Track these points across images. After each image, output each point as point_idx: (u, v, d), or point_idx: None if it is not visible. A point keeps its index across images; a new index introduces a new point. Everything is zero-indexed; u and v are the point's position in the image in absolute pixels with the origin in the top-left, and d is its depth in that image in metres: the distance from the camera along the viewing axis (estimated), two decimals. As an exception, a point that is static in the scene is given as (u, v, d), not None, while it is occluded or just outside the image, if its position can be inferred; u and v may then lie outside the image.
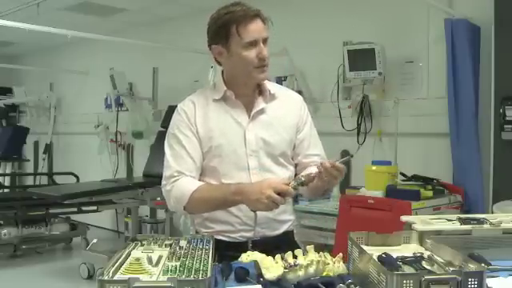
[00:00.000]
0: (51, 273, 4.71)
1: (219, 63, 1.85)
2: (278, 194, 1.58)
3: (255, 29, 1.69)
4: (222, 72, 1.87)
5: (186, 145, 1.78)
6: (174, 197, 1.75)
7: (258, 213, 1.78)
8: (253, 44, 1.70)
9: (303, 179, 1.61)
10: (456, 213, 3.11)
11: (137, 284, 1.11)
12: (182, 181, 1.75)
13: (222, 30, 1.71)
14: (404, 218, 1.71)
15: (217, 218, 1.80)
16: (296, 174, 1.84)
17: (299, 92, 4.27)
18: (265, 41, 1.73)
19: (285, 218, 1.87)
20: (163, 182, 1.80)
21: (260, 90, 1.85)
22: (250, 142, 1.79)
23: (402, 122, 3.90)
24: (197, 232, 1.86)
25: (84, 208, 4.90)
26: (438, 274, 1.15)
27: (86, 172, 5.95)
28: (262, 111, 1.83)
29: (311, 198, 3.36)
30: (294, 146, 1.89)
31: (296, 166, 1.90)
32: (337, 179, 1.66)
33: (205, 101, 1.83)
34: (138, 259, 1.35)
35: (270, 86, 1.87)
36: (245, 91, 1.82)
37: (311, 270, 1.34)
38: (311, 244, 1.45)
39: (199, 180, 1.80)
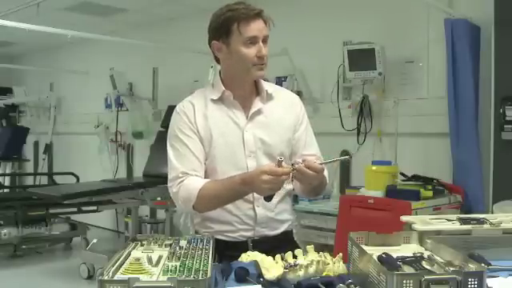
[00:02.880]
0: (51, 273, 4.71)
1: (218, 61, 1.85)
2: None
3: (256, 27, 1.71)
4: (220, 72, 1.88)
5: (189, 144, 1.78)
6: (181, 197, 1.74)
7: (257, 212, 1.79)
8: (253, 41, 1.71)
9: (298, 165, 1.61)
10: (456, 213, 3.12)
11: (137, 284, 1.11)
12: (187, 181, 1.74)
13: (223, 27, 1.72)
14: (404, 218, 1.71)
15: (216, 218, 1.80)
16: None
17: (299, 92, 4.32)
18: (265, 39, 1.74)
19: (284, 218, 1.88)
20: (169, 184, 1.79)
21: (257, 91, 1.85)
22: (248, 143, 1.79)
23: (402, 122, 3.90)
24: (196, 232, 1.85)
25: (84, 208, 4.91)
26: (438, 274, 1.15)
27: (86, 172, 5.94)
28: (259, 112, 1.83)
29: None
30: (292, 145, 1.89)
31: (292, 165, 1.89)
32: (313, 179, 1.64)
33: (203, 101, 1.83)
34: (137, 259, 1.35)
35: (267, 85, 1.88)
36: (242, 91, 1.82)
37: (311, 270, 1.34)
38: (311, 244, 1.45)
39: None
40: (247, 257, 1.44)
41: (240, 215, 1.78)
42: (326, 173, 1.81)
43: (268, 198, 1.67)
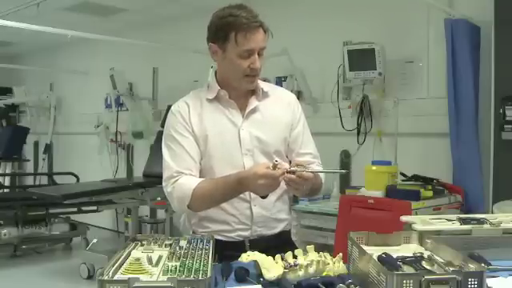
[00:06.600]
0: (51, 273, 4.70)
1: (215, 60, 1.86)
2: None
3: (254, 39, 1.70)
4: (216, 72, 1.88)
5: (184, 143, 1.78)
6: (176, 197, 1.75)
7: (254, 211, 1.79)
8: (248, 54, 1.71)
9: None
10: (456, 213, 3.12)
11: (137, 284, 1.11)
12: (181, 180, 1.74)
13: (221, 32, 1.72)
14: (404, 218, 1.72)
15: (213, 218, 1.80)
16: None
17: (299, 92, 4.33)
18: (261, 50, 1.74)
19: (281, 217, 1.88)
20: (163, 184, 1.80)
21: (253, 90, 1.86)
22: (244, 141, 1.80)
23: (402, 122, 3.90)
24: (193, 232, 1.85)
25: (84, 208, 4.91)
26: (438, 274, 1.15)
27: (86, 172, 5.94)
28: (255, 109, 1.84)
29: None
30: (288, 143, 1.89)
31: (289, 163, 1.90)
32: (303, 186, 1.63)
33: (198, 101, 1.84)
34: (137, 259, 1.35)
35: (263, 84, 1.89)
36: (237, 91, 1.83)
37: (311, 270, 1.34)
38: (311, 244, 1.45)
39: None
40: (247, 257, 1.44)
41: (237, 215, 1.79)
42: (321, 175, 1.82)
43: (264, 196, 1.68)
